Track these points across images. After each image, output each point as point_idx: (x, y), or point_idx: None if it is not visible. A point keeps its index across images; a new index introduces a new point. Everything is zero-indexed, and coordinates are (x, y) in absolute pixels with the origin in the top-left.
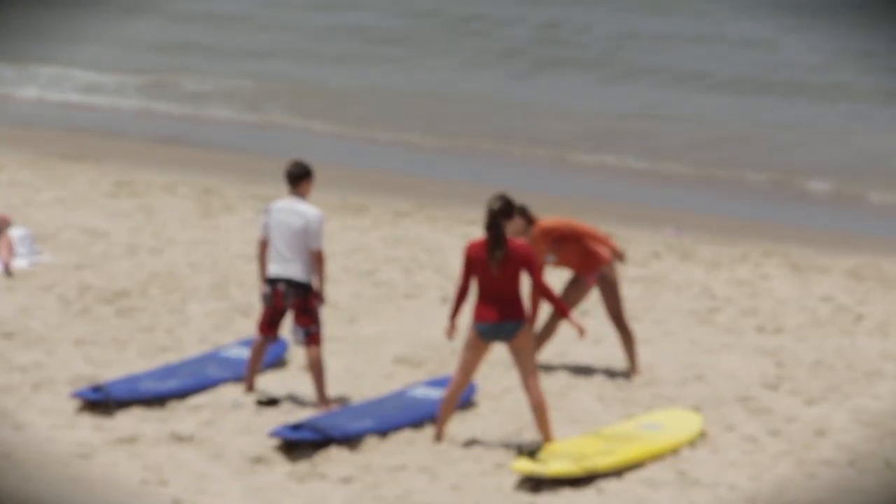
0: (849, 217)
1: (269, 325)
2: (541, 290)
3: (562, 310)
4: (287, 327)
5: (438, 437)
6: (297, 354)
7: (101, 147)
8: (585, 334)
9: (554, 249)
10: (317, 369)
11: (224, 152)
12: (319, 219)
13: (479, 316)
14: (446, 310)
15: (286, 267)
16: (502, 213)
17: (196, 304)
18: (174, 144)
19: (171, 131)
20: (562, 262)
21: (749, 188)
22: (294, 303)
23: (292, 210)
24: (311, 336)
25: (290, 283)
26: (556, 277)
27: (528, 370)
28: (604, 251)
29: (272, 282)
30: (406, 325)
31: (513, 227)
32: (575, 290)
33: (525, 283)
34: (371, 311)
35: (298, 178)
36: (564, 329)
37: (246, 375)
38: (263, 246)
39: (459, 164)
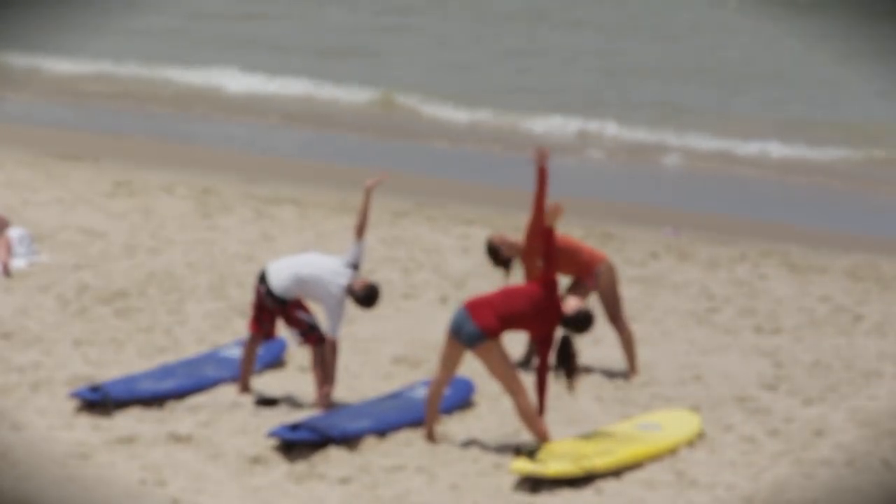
0: (848, 216)
1: (257, 321)
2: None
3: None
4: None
5: (430, 437)
6: (297, 355)
7: (100, 146)
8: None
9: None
10: (316, 369)
11: (223, 152)
12: (338, 298)
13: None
14: (444, 310)
15: (275, 276)
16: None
17: (194, 304)
18: (173, 144)
19: (169, 130)
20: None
21: None
22: (275, 308)
23: (331, 270)
24: (307, 336)
25: (269, 292)
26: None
27: (503, 386)
28: (596, 251)
29: (261, 276)
30: (404, 326)
31: (509, 252)
32: (575, 294)
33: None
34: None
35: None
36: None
37: (240, 376)
38: None
39: (459, 162)
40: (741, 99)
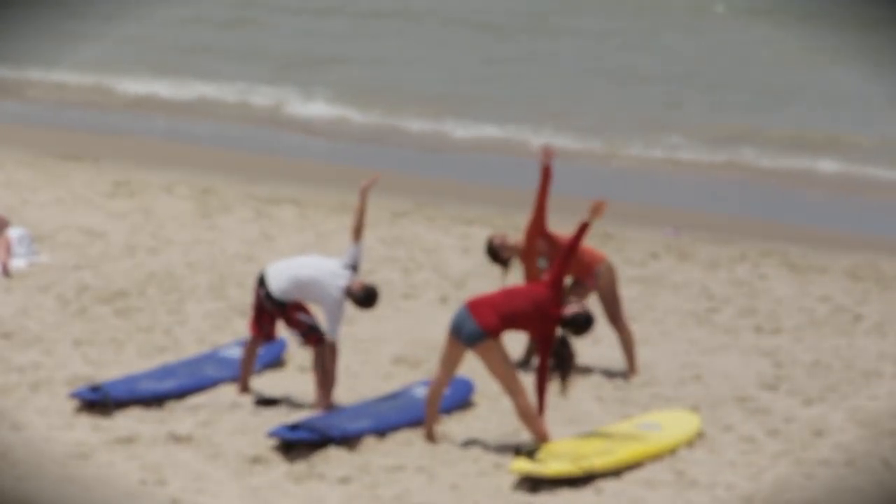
0: (848, 216)
1: (257, 323)
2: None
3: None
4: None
5: (429, 437)
6: (297, 355)
7: (100, 146)
8: None
9: (546, 254)
10: (317, 370)
11: (223, 152)
12: (337, 299)
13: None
14: (444, 310)
15: (274, 279)
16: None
17: (194, 304)
18: (173, 143)
19: (169, 130)
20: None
21: None
22: (274, 311)
23: (330, 272)
24: (308, 337)
25: (269, 295)
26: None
27: (503, 386)
28: (596, 251)
29: (260, 279)
30: (404, 326)
31: (509, 253)
32: (575, 294)
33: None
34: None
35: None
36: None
37: (240, 377)
38: None
39: (459, 162)
40: (724, 107)
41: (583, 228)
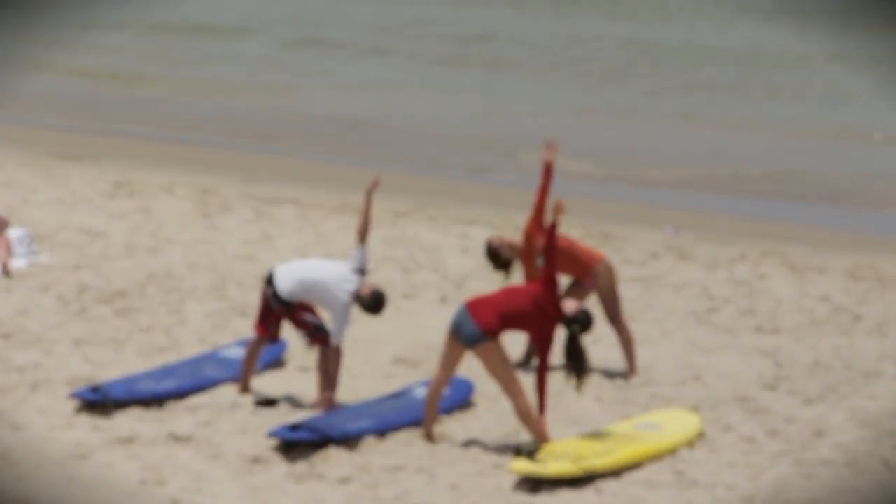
0: (848, 216)
1: (263, 322)
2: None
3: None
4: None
5: (428, 437)
6: (297, 355)
7: (100, 147)
8: None
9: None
10: (321, 369)
11: (223, 152)
12: (345, 303)
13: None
14: (444, 310)
15: (282, 279)
16: None
17: (194, 304)
18: (173, 143)
19: (169, 130)
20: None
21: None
22: (281, 311)
23: (339, 276)
24: (315, 337)
25: (276, 295)
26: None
27: (502, 386)
28: (595, 251)
29: (268, 279)
30: (404, 326)
31: (509, 253)
32: (574, 294)
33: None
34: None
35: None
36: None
37: (241, 376)
38: None
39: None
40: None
41: (552, 229)
